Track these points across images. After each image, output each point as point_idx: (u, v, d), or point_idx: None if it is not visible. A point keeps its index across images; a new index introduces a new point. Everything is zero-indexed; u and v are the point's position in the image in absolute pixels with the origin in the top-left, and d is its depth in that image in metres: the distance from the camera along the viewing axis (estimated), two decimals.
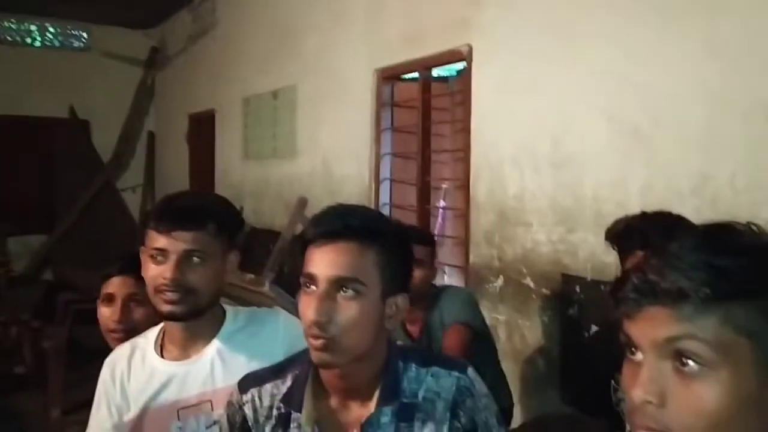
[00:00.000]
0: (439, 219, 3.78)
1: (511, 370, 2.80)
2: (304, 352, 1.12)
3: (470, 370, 1.12)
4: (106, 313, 1.65)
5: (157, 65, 7.55)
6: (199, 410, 1.33)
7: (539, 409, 2.85)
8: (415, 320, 2.46)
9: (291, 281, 2.94)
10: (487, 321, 2.65)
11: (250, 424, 1.12)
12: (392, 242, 1.05)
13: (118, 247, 5.19)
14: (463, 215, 3.29)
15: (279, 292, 3.31)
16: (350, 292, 1.00)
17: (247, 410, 1.12)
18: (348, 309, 1.00)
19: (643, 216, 1.62)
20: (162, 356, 1.38)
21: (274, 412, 1.11)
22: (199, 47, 6.53)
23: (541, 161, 2.85)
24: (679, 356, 0.63)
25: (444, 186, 3.73)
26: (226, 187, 5.93)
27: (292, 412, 1.08)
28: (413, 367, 1.10)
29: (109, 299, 1.65)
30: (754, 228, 0.66)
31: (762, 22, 2.03)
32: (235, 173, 5.85)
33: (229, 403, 1.16)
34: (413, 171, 3.78)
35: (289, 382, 1.11)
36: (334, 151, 4.38)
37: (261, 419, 1.12)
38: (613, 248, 1.66)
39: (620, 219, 1.66)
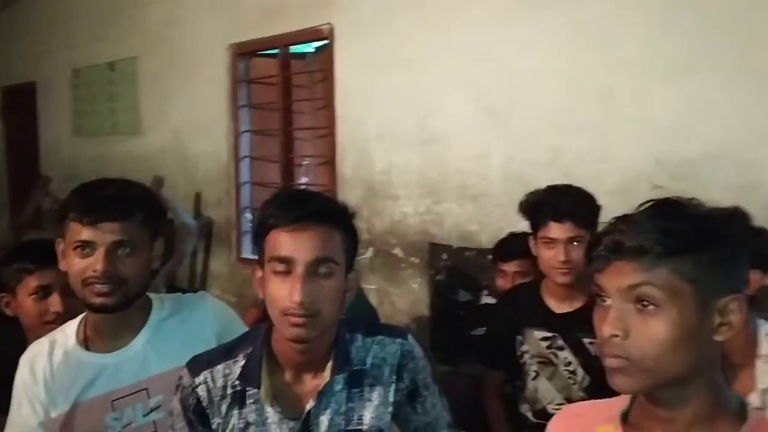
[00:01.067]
0: None
1: None
2: (252, 333, 1.17)
3: (410, 337, 1.23)
4: (36, 308, 1.54)
5: None
6: (135, 399, 1.31)
7: None
8: None
9: None
10: None
11: (204, 404, 1.14)
12: (350, 225, 1.13)
13: None
14: (329, 190, 3.38)
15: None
16: (326, 271, 1.07)
17: (201, 392, 1.14)
18: (326, 286, 1.06)
19: (552, 189, 1.82)
20: (87, 349, 1.33)
21: (229, 390, 1.14)
22: (13, 13, 5.87)
23: (407, 137, 3.02)
24: (639, 299, 0.80)
25: (305, 162, 3.78)
26: (54, 165, 5.45)
27: (248, 389, 1.13)
28: (359, 337, 1.19)
29: (41, 292, 1.54)
30: (695, 202, 0.84)
31: (614, 14, 2.33)
32: (66, 151, 5.40)
33: (181, 387, 1.17)
34: (273, 148, 3.78)
35: (241, 362, 1.14)
36: (187, 128, 4.24)
37: (216, 399, 1.14)
38: (527, 219, 1.84)
39: (532, 192, 1.84)
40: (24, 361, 1.33)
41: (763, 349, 1.56)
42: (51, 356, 1.32)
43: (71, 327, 1.36)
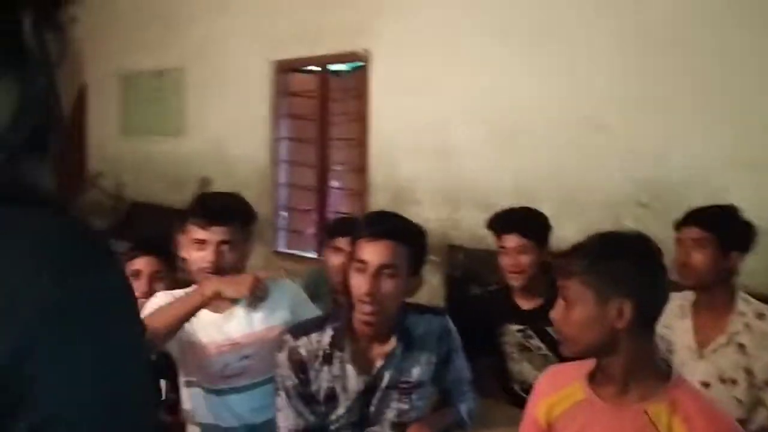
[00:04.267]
0: (334, 198, 4.29)
1: None
2: (338, 312, 1.62)
3: (447, 316, 1.69)
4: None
5: None
6: (233, 348, 1.77)
7: None
8: None
9: None
10: None
11: (304, 359, 1.60)
12: (415, 241, 1.58)
13: None
14: (360, 195, 3.84)
15: None
16: (389, 273, 1.51)
17: (302, 351, 1.59)
18: (388, 284, 1.51)
19: (512, 210, 2.28)
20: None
21: (320, 352, 1.59)
22: (66, 20, 6.35)
23: (430, 151, 3.48)
24: (564, 299, 1.26)
25: (338, 168, 4.24)
26: (101, 160, 5.96)
27: (336, 351, 1.58)
28: (413, 315, 1.65)
29: (136, 275, 2.01)
30: (626, 232, 1.29)
31: (604, 53, 2.78)
32: (112, 148, 5.89)
33: (287, 346, 1.60)
34: (308, 154, 4.24)
35: (330, 332, 1.60)
36: (229, 133, 4.71)
37: (311, 356, 1.60)
38: (491, 231, 2.29)
39: (498, 212, 2.30)
40: (155, 300, 1.77)
41: (738, 307, 2.02)
42: None
43: (190, 290, 1.82)
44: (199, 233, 1.71)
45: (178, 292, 1.82)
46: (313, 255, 4.11)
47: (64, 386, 0.46)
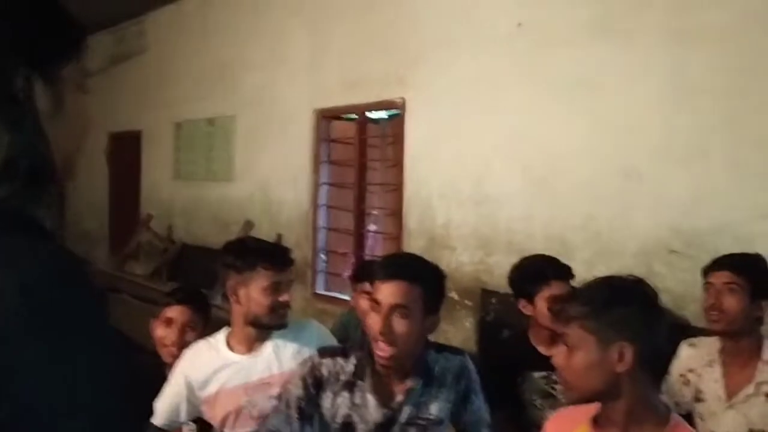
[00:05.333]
0: (371, 242, 4.39)
1: None
2: (361, 343, 1.69)
3: (466, 355, 1.74)
4: (163, 333, 2.12)
5: None
6: (262, 389, 1.85)
7: None
8: None
9: None
10: None
11: (323, 378, 1.66)
12: (430, 281, 1.63)
13: None
14: (396, 239, 3.92)
15: None
16: (402, 314, 1.56)
17: (323, 370, 1.66)
18: (400, 324, 1.56)
19: (536, 257, 2.34)
20: (231, 350, 1.89)
21: (342, 377, 1.65)
22: (123, 69, 6.76)
23: (464, 197, 3.55)
24: (565, 344, 1.28)
25: (375, 213, 4.34)
26: (154, 203, 6.23)
27: (357, 381, 1.65)
28: (432, 352, 1.70)
29: (168, 323, 2.13)
30: (627, 278, 1.32)
31: (640, 104, 2.83)
32: (165, 192, 6.16)
33: (309, 363, 1.68)
34: (347, 199, 4.37)
35: (353, 361, 1.66)
36: (273, 179, 4.89)
37: (331, 379, 1.66)
38: (522, 284, 2.34)
39: (517, 264, 2.35)
40: (188, 352, 1.89)
41: (765, 356, 2.01)
42: (208, 352, 1.88)
43: (221, 335, 1.92)
44: (276, 277, 1.82)
45: (214, 339, 1.93)
46: (349, 297, 4.18)
47: (34, 380, 0.55)
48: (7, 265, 0.58)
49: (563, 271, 2.26)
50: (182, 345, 2.09)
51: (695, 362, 2.16)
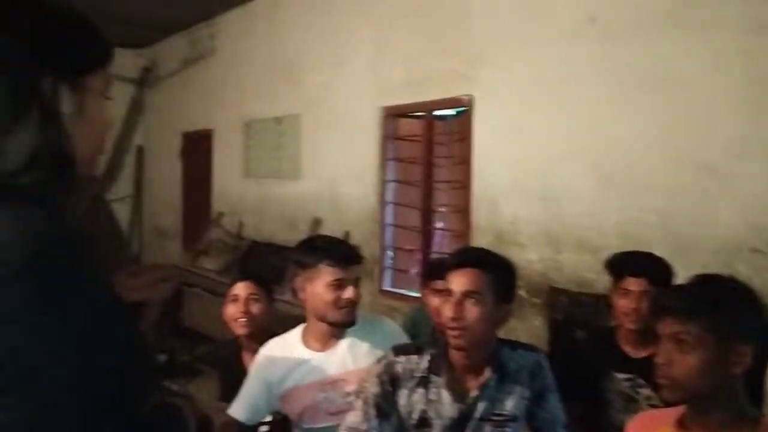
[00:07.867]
0: (438, 239, 4.39)
1: None
2: (436, 340, 1.71)
3: (540, 352, 1.73)
4: (232, 309, 2.26)
5: (148, 84, 7.95)
6: (337, 385, 1.89)
7: None
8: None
9: None
10: None
11: (398, 375, 1.69)
12: (500, 270, 1.66)
13: (108, 253, 5.61)
14: (463, 236, 3.91)
15: None
16: (473, 301, 1.60)
17: (398, 367, 1.70)
18: (472, 311, 1.59)
19: (635, 253, 2.27)
20: (307, 347, 1.94)
21: (417, 374, 1.68)
22: (195, 70, 6.99)
23: (531, 194, 3.50)
24: (678, 342, 1.25)
25: (442, 210, 4.35)
26: (224, 201, 6.42)
27: (432, 376, 1.67)
28: (506, 349, 1.71)
29: (234, 299, 2.26)
30: (728, 277, 1.28)
31: (719, 97, 2.73)
32: (235, 190, 6.33)
33: (385, 361, 1.71)
34: (414, 196, 4.38)
35: (428, 357, 1.69)
36: (341, 176, 4.95)
37: (406, 376, 1.69)
38: (610, 272, 2.27)
39: (618, 253, 2.29)
40: (264, 350, 1.95)
41: None
42: (283, 349, 1.94)
43: (296, 332, 1.98)
44: (340, 273, 1.84)
45: (289, 336, 1.98)
46: (416, 294, 4.20)
47: (18, 326, 0.64)
48: (17, 226, 0.67)
49: (641, 268, 2.17)
50: (250, 317, 2.24)
51: None
